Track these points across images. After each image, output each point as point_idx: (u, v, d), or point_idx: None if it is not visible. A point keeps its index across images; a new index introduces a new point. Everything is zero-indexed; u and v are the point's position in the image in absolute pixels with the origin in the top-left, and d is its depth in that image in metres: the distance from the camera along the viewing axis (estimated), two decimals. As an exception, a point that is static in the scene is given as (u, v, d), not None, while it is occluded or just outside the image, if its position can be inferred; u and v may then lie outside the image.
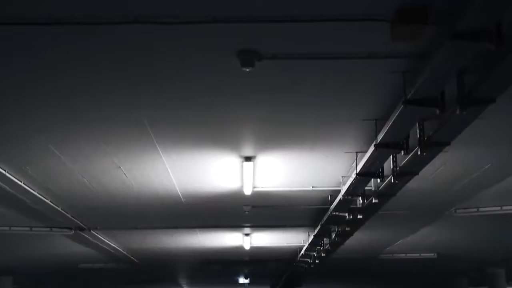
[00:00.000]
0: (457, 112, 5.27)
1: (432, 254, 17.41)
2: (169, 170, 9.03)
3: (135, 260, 18.04)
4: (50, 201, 10.59)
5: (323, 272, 20.68)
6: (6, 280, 19.67)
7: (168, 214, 12.09)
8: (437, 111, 5.54)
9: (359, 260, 18.66)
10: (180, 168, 8.93)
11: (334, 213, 10.62)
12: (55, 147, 7.79)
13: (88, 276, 21.58)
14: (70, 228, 12.92)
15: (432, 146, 6.51)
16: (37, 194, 10.03)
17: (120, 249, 16.13)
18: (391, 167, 7.92)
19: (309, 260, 16.49)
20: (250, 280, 21.48)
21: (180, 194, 10.43)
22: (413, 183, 9.19)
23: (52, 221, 12.24)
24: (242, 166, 8.77)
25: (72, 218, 12.03)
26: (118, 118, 6.78)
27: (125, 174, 9.20)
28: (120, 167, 8.82)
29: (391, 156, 7.81)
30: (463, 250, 17.06)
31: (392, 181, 8.14)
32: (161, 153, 8.31)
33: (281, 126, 7.21)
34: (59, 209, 11.12)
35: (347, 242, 13.96)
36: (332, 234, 13.02)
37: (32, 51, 5.13)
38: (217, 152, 8.27)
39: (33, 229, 12.72)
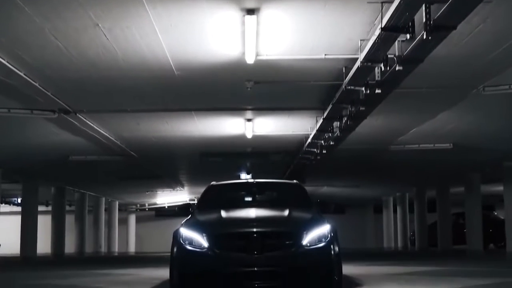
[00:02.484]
0: None
1: (448, 145, 16.23)
2: (157, 29, 7.65)
3: (130, 152, 16.93)
4: (24, 74, 9.28)
5: (328, 167, 19.68)
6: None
7: (160, 91, 10.77)
8: None
9: (368, 152, 17.54)
10: (169, 26, 7.55)
11: (349, 87, 9.31)
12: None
13: (81, 170, 20.58)
14: (53, 111, 11.69)
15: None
16: (8, 64, 8.71)
17: (113, 139, 14.96)
18: (424, 19, 6.57)
19: (315, 150, 15.34)
20: (252, 176, 20.50)
21: (172, 64, 9.07)
22: (442, 50, 7.89)
23: (32, 101, 11.00)
24: (243, 23, 7.36)
25: (53, 97, 10.75)
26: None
27: (105, 36, 7.82)
28: (98, 25, 7.44)
29: (423, 6, 6.44)
30: (482, 140, 15.90)
31: (425, 37, 6.78)
32: (146, 6, 6.92)
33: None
34: (36, 84, 9.82)
35: (357, 130, 12.80)
36: (344, 118, 11.80)
37: None
38: (213, 2, 6.87)
39: (12, 110, 11.49)
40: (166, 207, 35.19)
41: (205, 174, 20.50)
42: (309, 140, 14.53)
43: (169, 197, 32.28)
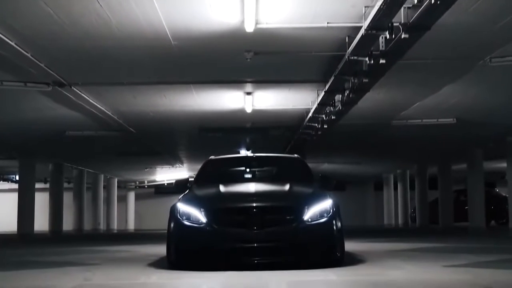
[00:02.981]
0: None
1: (451, 119, 15.92)
2: (152, -7, 7.32)
3: (127, 127, 16.63)
4: (16, 44, 8.95)
5: (329, 143, 19.41)
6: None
7: (157, 62, 10.44)
8: None
9: (370, 127, 17.25)
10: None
11: (352, 57, 8.98)
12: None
13: (78, 146, 20.30)
14: (47, 84, 11.37)
15: None
16: (-1, 35, 8.41)
17: (109, 113, 14.64)
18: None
19: (316, 125, 15.03)
20: (252, 152, 20.21)
21: (168, 33, 8.73)
22: (449, 17, 7.57)
23: (25, 73, 10.69)
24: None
25: (47, 69, 10.43)
26: None
27: (98, 2, 7.48)
28: (90, -11, 7.11)
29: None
30: (486, 114, 15.59)
31: (433, 1, 6.45)
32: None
33: None
34: (28, 55, 9.50)
35: (359, 104, 12.49)
36: (346, 91, 11.48)
37: None
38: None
39: (5, 83, 11.18)
40: (166, 184, 35.01)
41: (204, 150, 20.16)
42: (310, 114, 14.23)
43: (168, 174, 32.05)
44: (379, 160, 26.86)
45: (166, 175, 32.42)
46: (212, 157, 9.04)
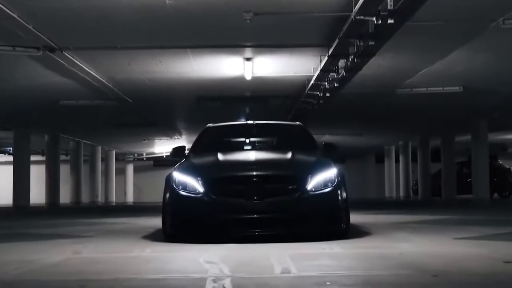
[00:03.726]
0: None
1: (457, 88, 15.41)
2: None
3: (123, 96, 16.12)
4: (1, 4, 8.44)
5: (331, 113, 18.93)
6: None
7: (151, 24, 9.89)
8: None
9: (373, 96, 16.74)
10: None
11: (359, 17, 8.45)
12: None
13: (74, 117, 19.80)
14: (37, 48, 10.85)
15: None
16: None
17: (104, 81, 14.13)
18: None
19: (318, 93, 14.54)
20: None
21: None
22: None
23: (14, 37, 10.17)
24: None
25: (36, 32, 9.91)
26: None
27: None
28: None
29: None
30: (493, 83, 15.10)
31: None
32: None
33: None
34: (15, 16, 8.98)
35: (363, 71, 12.01)
36: (350, 56, 10.97)
37: None
38: None
39: (-8, 47, 10.68)
40: (164, 156, 34.60)
41: (202, 121, 19.51)
42: (311, 82, 13.72)
43: (167, 146, 31.58)
44: (381, 131, 26.41)
45: (164, 147, 31.98)
46: (210, 124, 8.58)
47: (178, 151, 7.90)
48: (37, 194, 25.35)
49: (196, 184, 6.59)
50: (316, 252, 5.65)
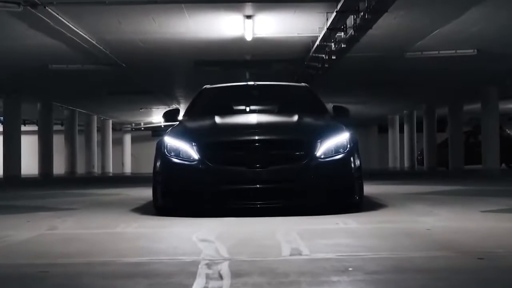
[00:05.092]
0: None
1: (471, 51, 14.50)
2: None
3: (116, 60, 15.20)
4: None
5: (336, 80, 18.04)
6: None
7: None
8: None
9: (381, 60, 15.82)
10: None
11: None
12: None
13: (65, 83, 18.88)
14: (17, 3, 9.92)
15: None
16: None
17: (94, 42, 13.20)
18: None
19: (323, 56, 13.63)
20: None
21: None
22: None
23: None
24: None
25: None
26: None
27: None
28: None
29: None
30: (510, 45, 14.17)
31: None
32: None
33: None
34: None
35: (372, 32, 11.11)
36: (360, 13, 10.06)
37: None
38: None
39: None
40: (163, 126, 33.74)
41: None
42: (317, 42, 12.79)
43: (165, 116, 30.76)
44: (386, 100, 25.52)
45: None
46: (207, 86, 7.73)
47: (170, 115, 7.11)
48: (32, 165, 24.57)
49: (190, 150, 5.79)
50: (329, 227, 4.84)
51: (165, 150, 5.98)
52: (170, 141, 5.99)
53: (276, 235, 4.35)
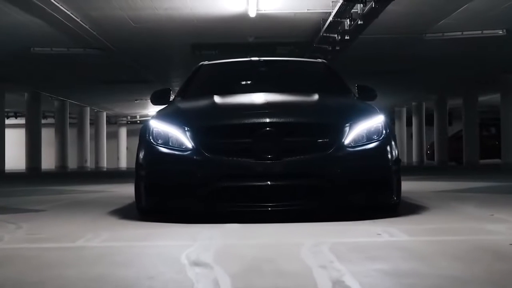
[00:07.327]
0: None
1: (500, 31, 13.07)
2: None
3: (105, 42, 13.77)
4: None
5: (347, 65, 16.60)
6: None
7: None
8: None
9: (398, 43, 14.40)
10: None
11: None
12: None
13: (51, 69, 17.41)
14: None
15: None
16: None
17: (78, 20, 11.79)
18: None
19: (336, 36, 12.20)
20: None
21: None
22: None
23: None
24: None
25: None
26: None
27: None
28: None
29: None
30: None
31: None
32: None
33: None
34: None
35: (391, 8, 9.74)
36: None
37: None
38: None
39: None
40: (157, 115, 32.55)
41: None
42: (330, 18, 11.32)
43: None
44: (395, 90, 24.07)
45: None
46: (205, 62, 6.35)
47: (160, 96, 5.77)
48: (22, 160, 23.23)
49: (182, 137, 4.45)
50: (370, 241, 3.46)
51: (150, 137, 4.63)
52: (157, 126, 4.64)
53: (301, 253, 2.99)
